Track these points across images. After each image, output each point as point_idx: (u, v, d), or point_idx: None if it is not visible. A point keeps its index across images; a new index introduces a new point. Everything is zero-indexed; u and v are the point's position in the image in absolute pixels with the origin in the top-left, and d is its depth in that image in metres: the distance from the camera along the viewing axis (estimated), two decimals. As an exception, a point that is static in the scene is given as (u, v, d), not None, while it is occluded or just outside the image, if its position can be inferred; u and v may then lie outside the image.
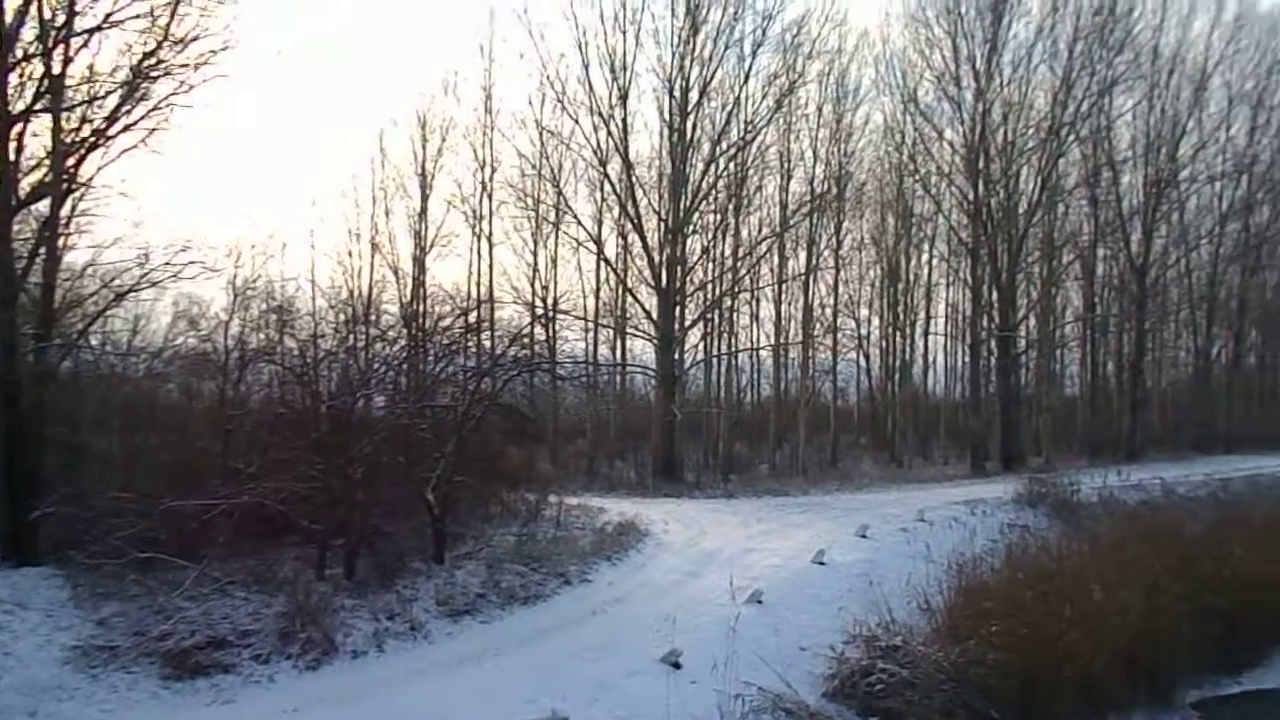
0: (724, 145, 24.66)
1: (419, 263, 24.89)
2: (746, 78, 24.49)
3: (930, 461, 30.80)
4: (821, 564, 12.68)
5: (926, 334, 34.64)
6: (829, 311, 30.91)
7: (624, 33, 23.14)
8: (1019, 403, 29.49)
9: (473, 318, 15.39)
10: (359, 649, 9.10)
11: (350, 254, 24.67)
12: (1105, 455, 28.95)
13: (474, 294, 24.93)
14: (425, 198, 25.28)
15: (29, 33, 10.99)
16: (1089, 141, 30.00)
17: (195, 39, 11.85)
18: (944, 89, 27.70)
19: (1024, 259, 29.33)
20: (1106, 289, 34.30)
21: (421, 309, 19.83)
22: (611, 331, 28.52)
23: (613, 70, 23.33)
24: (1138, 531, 14.23)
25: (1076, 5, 27.42)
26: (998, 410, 28.19)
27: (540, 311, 25.59)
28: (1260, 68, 32.88)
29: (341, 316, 15.23)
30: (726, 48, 23.81)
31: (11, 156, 10.92)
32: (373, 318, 16.70)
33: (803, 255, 29.22)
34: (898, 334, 33.48)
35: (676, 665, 8.97)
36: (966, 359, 31.75)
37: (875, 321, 33.77)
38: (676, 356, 24.84)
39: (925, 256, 33.86)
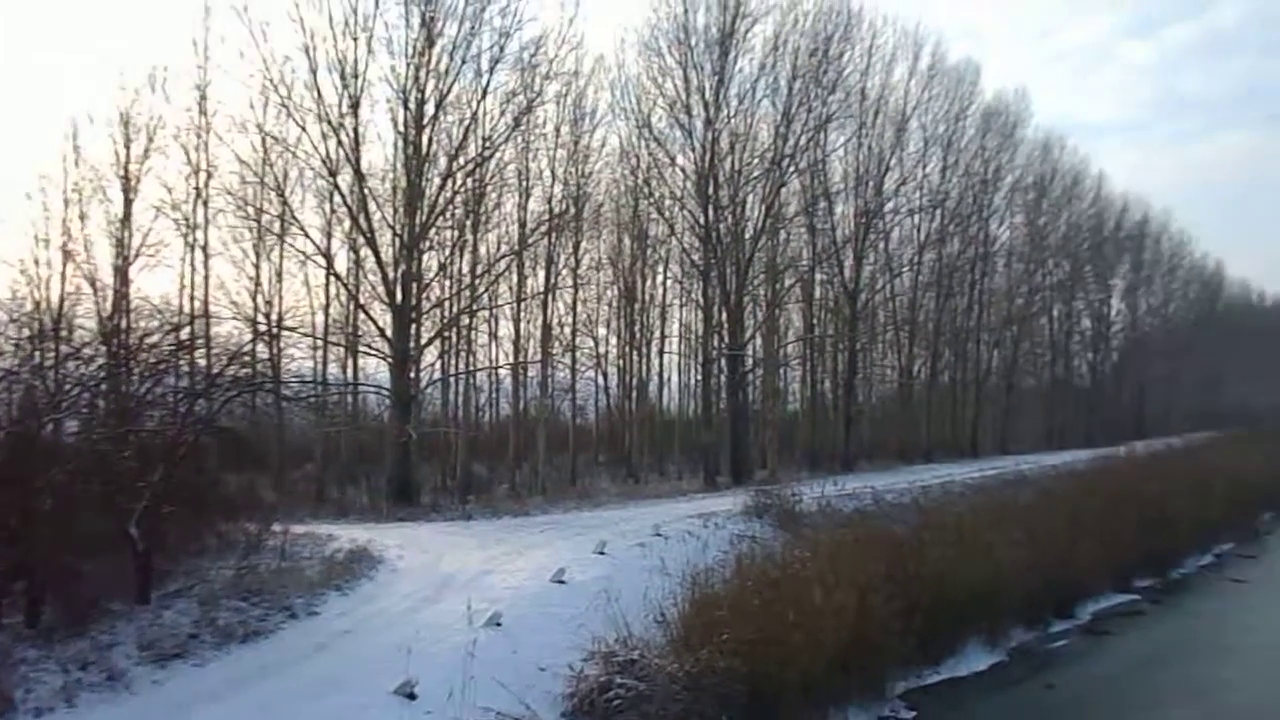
0: (461, 160, 24.42)
1: (121, 273, 22.66)
2: (484, 94, 24.40)
3: (666, 477, 31.93)
4: (561, 583, 12.77)
5: (662, 352, 36.08)
6: (568, 330, 31.40)
7: (355, 39, 22.37)
8: (747, 418, 31.28)
9: (185, 334, 14.18)
10: (44, 705, 8.12)
11: (37, 262, 22.11)
12: (824, 466, 31.31)
13: (187, 308, 23.14)
14: (129, 202, 23.10)
15: None
16: (807, 173, 32.52)
17: None
18: (676, 116, 29.03)
19: (751, 282, 31.20)
20: (824, 311, 37.19)
21: (124, 324, 18.06)
22: (342, 350, 27.42)
23: (343, 77, 22.48)
24: (852, 537, 15.42)
25: (795, 45, 29.62)
26: (728, 425, 29.71)
27: (263, 328, 24.15)
28: (950, 114, 37.11)
29: (25, 331, 13.59)
30: (463, 62, 23.61)
31: None
32: (64, 333, 15.02)
33: (541, 274, 29.53)
34: (634, 352, 34.55)
35: (411, 696, 8.71)
36: (699, 376, 33.36)
37: (613, 340, 34.73)
38: (412, 375, 24.25)
39: (660, 277, 35.29)
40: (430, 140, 23.56)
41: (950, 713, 13.00)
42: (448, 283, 26.82)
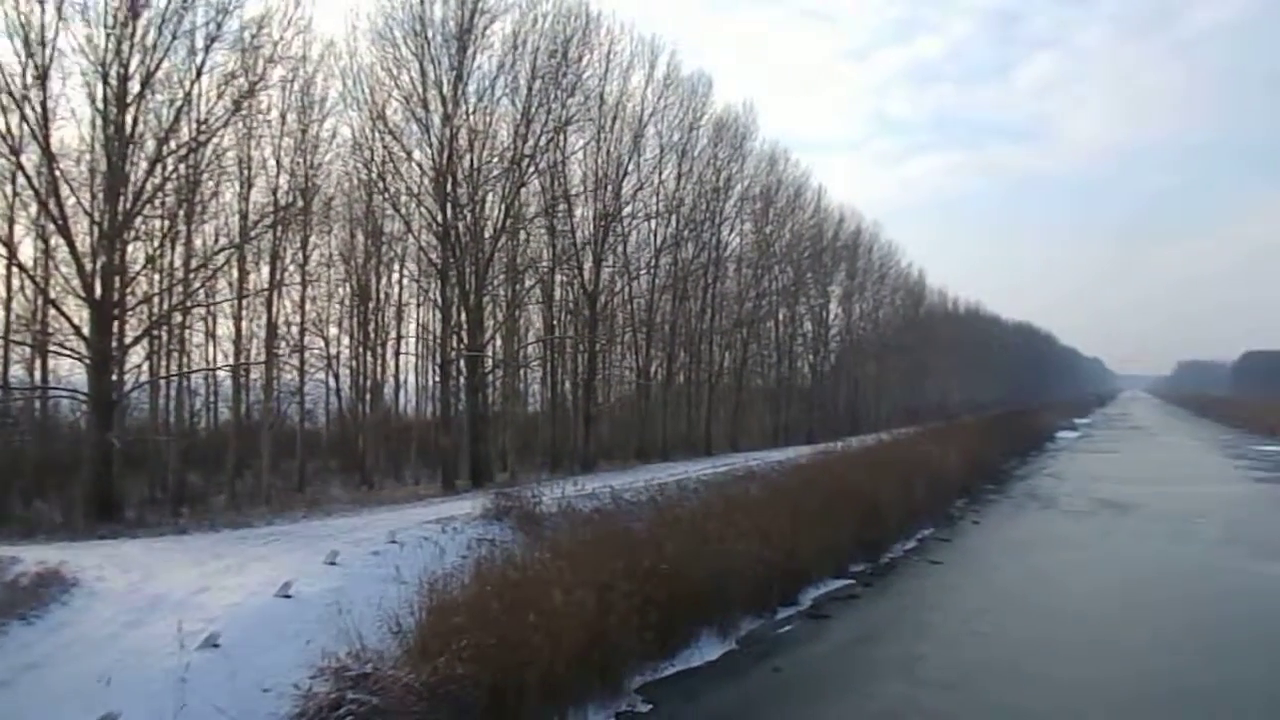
0: (173, 144, 22.47)
1: None
2: (199, 74, 22.62)
3: (403, 482, 31.08)
4: (288, 597, 12.10)
5: (398, 353, 35.06)
6: (295, 330, 29.81)
7: (41, 3, 20.09)
8: (487, 420, 31.09)
9: None
10: None
11: None
12: (564, 467, 31.66)
13: None
14: None
15: None
16: (547, 174, 32.77)
17: None
18: (412, 110, 28.30)
19: (491, 282, 31.02)
20: (564, 312, 37.62)
21: None
22: (29, 349, 24.55)
23: (27, 44, 20.09)
24: (592, 536, 15.71)
25: (534, 45, 29.73)
26: (467, 428, 29.38)
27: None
28: (684, 123, 38.63)
29: None
30: (175, 38, 21.74)
31: None
32: None
33: (265, 269, 27.84)
34: (369, 353, 33.40)
35: (112, 732, 7.95)
36: (437, 378, 32.72)
37: (345, 340, 33.35)
38: (115, 378, 22.11)
39: (396, 276, 34.32)
40: (136, 120, 21.53)
41: (684, 703, 13.52)
42: (158, 277, 24.65)
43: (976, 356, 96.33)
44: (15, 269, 23.20)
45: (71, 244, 21.07)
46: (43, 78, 20.26)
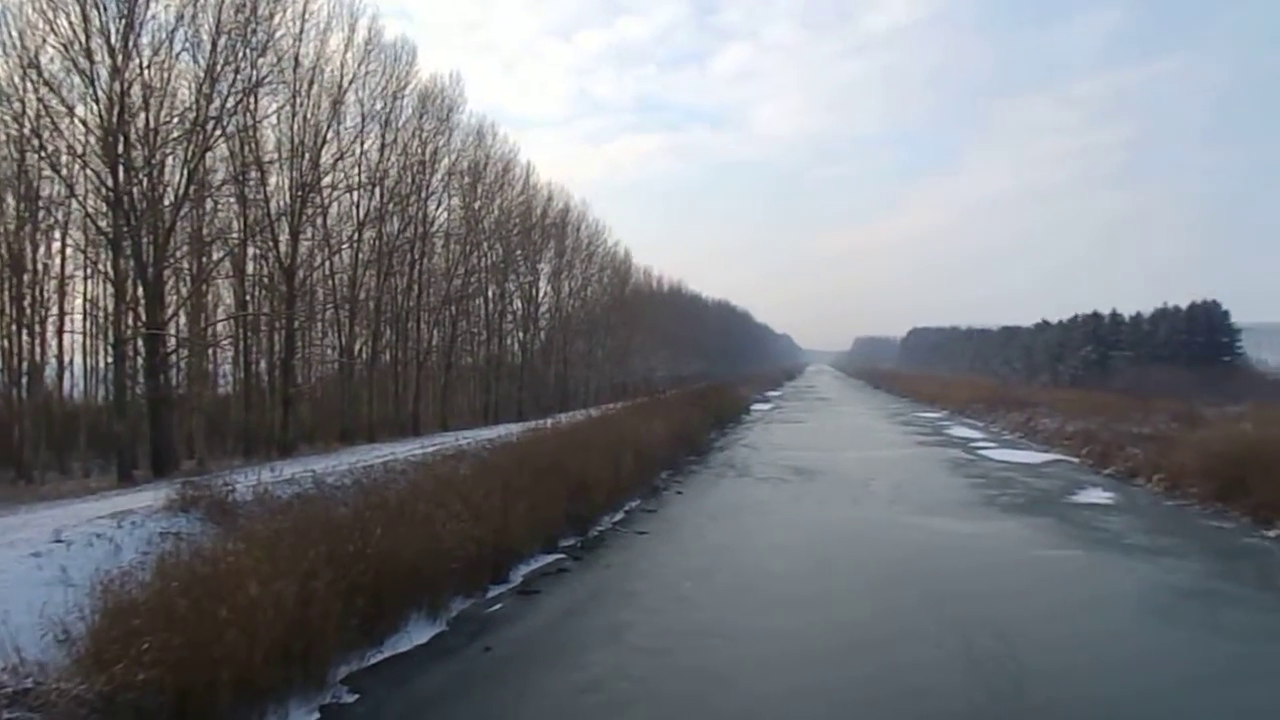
0: None
1: None
2: None
3: (71, 475, 28.19)
4: (-76, 612, 10.64)
5: (61, 332, 31.62)
6: (-69, 306, 26.11)
7: None
8: (170, 404, 28.76)
9: None
10: None
11: None
12: (260, 452, 29.99)
13: None
14: None
15: None
16: (236, 139, 30.68)
17: None
18: (73, 59, 25.45)
19: (173, 254, 28.68)
20: (258, 288, 35.52)
21: None
22: None
23: None
24: (292, 524, 15.02)
25: (219, -1, 27.67)
26: (147, 414, 27.06)
27: None
28: (387, 91, 37.50)
29: None
30: None
31: None
32: None
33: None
34: (24, 332, 29.87)
35: None
36: (110, 359, 29.82)
37: (-5, 318, 29.60)
38: None
39: (57, 245, 30.88)
40: None
41: (393, 689, 13.30)
42: None
43: (680, 333, 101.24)
44: None
45: None
46: None
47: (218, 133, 28.83)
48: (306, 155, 33.46)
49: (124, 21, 25.52)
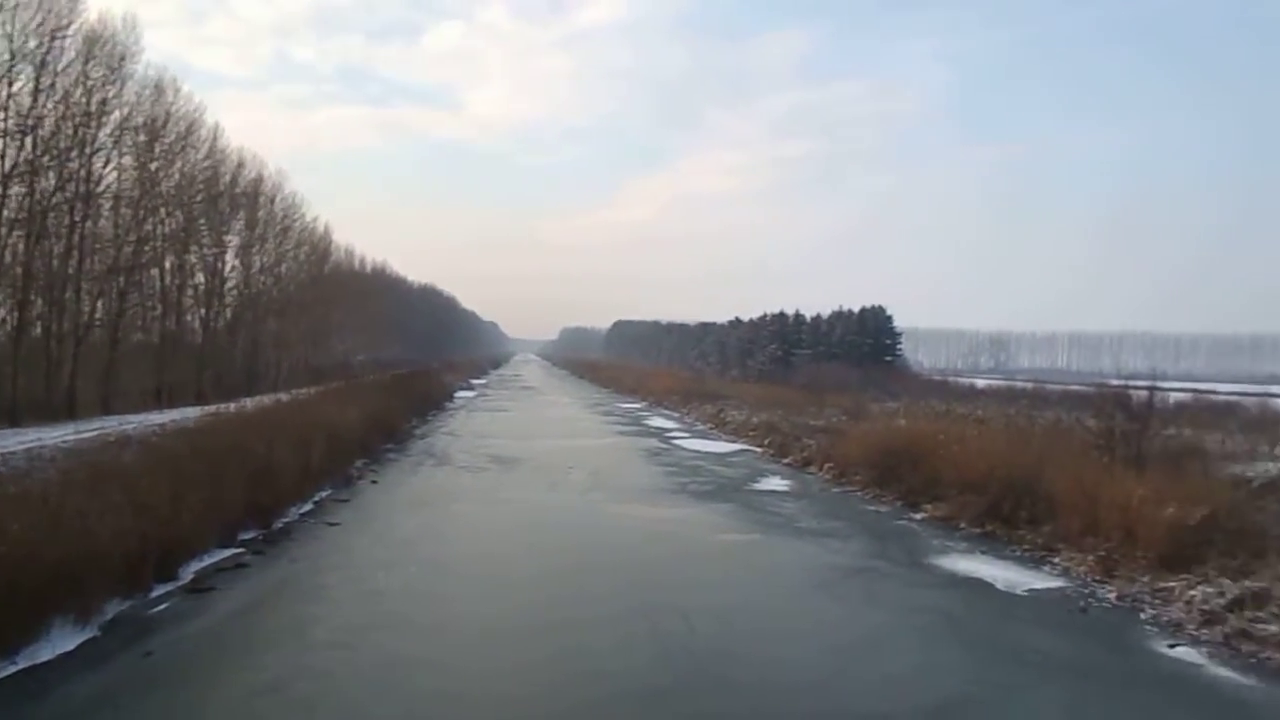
0: None
1: None
2: None
3: None
4: None
5: None
6: None
7: None
8: None
9: None
10: None
11: None
12: None
13: None
14: None
15: None
16: None
17: None
18: None
19: None
20: None
21: None
22: None
23: None
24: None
25: None
26: None
27: None
28: (45, 28, 33.36)
29: None
30: None
31: None
32: None
33: None
34: None
35: None
36: None
37: None
38: None
39: None
40: None
41: (25, 704, 11.86)
42: None
43: (382, 316, 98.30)
44: None
45: None
46: None
47: None
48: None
49: None
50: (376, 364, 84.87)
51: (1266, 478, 26.16)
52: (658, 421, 64.16)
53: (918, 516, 27.76)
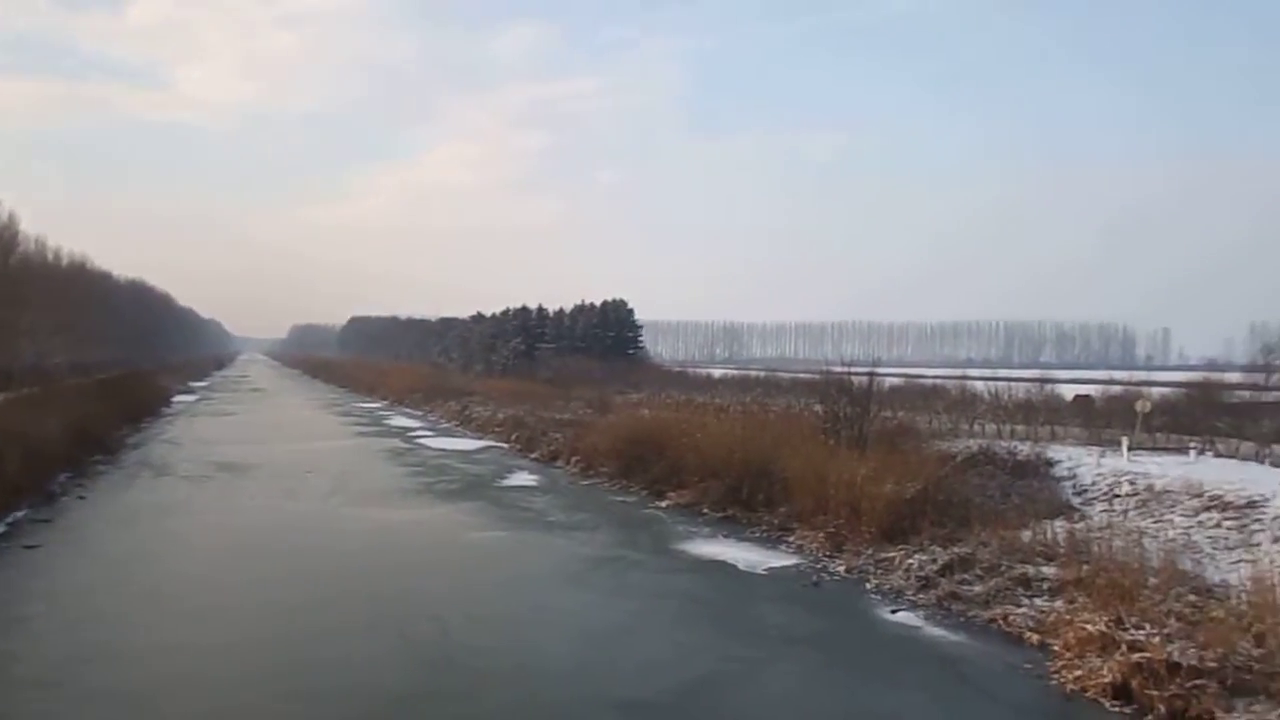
0: None
1: None
2: None
3: None
4: None
5: None
6: None
7: None
8: None
9: None
10: None
11: None
12: None
13: None
14: None
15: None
16: None
17: None
18: None
19: None
20: None
21: None
22: None
23: None
24: None
25: None
26: None
27: None
28: None
29: None
30: None
31: None
32: None
33: None
34: None
35: None
36: None
37: None
38: None
39: None
40: None
41: None
42: None
43: (83, 314, 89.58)
44: None
45: None
46: None
47: None
48: None
49: None
50: (80, 367, 77.32)
51: (968, 453, 29.04)
52: (400, 421, 62.65)
53: (663, 504, 28.71)
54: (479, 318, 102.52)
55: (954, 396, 47.01)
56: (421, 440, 49.54)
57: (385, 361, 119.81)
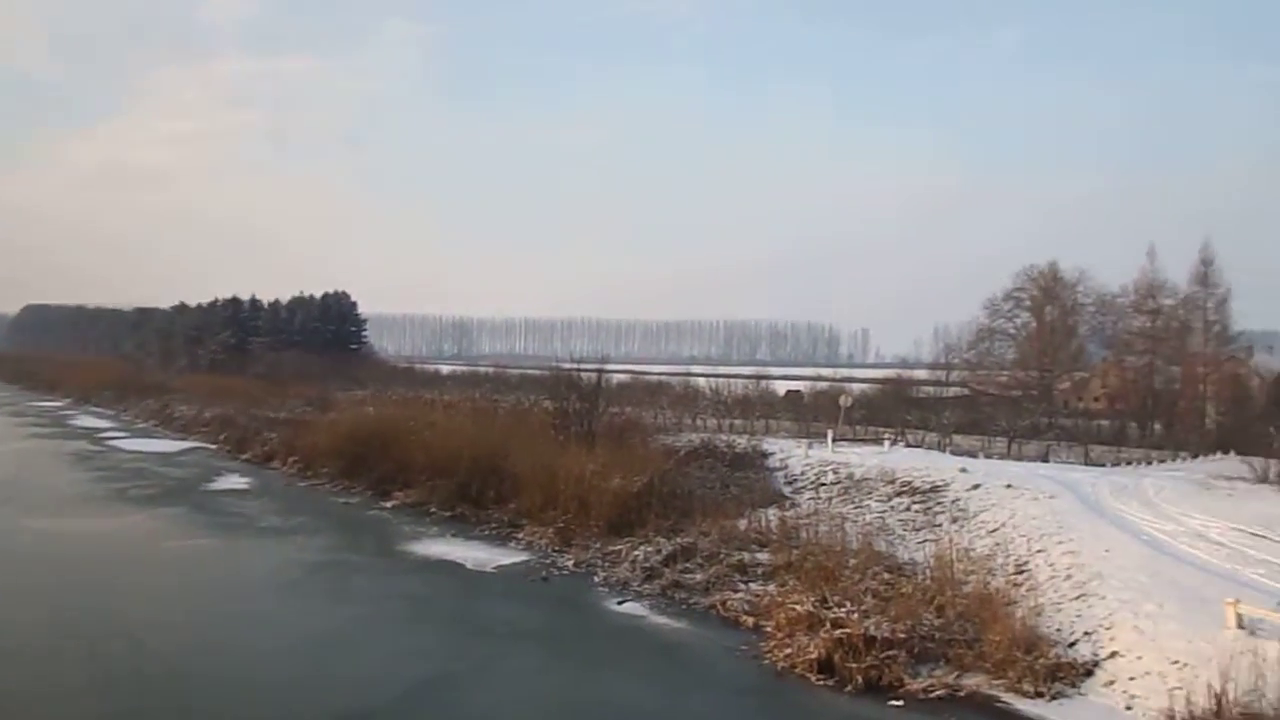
0: None
1: None
2: None
3: None
4: None
5: None
6: None
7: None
8: None
9: None
10: None
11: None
12: None
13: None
14: None
15: None
16: None
17: None
18: None
19: None
20: None
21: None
22: None
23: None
24: None
25: None
26: None
27: None
28: None
29: None
30: None
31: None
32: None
33: None
34: None
35: None
36: None
37: None
38: None
39: None
40: None
41: None
42: None
43: None
44: None
45: None
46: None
47: None
48: None
49: None
50: None
51: (691, 446, 30.53)
52: (87, 421, 57.37)
53: (389, 505, 28.10)
54: (182, 308, 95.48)
55: (678, 392, 49.15)
56: (114, 442, 45.61)
57: (69, 355, 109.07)
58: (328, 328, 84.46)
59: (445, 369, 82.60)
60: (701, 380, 51.77)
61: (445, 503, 26.77)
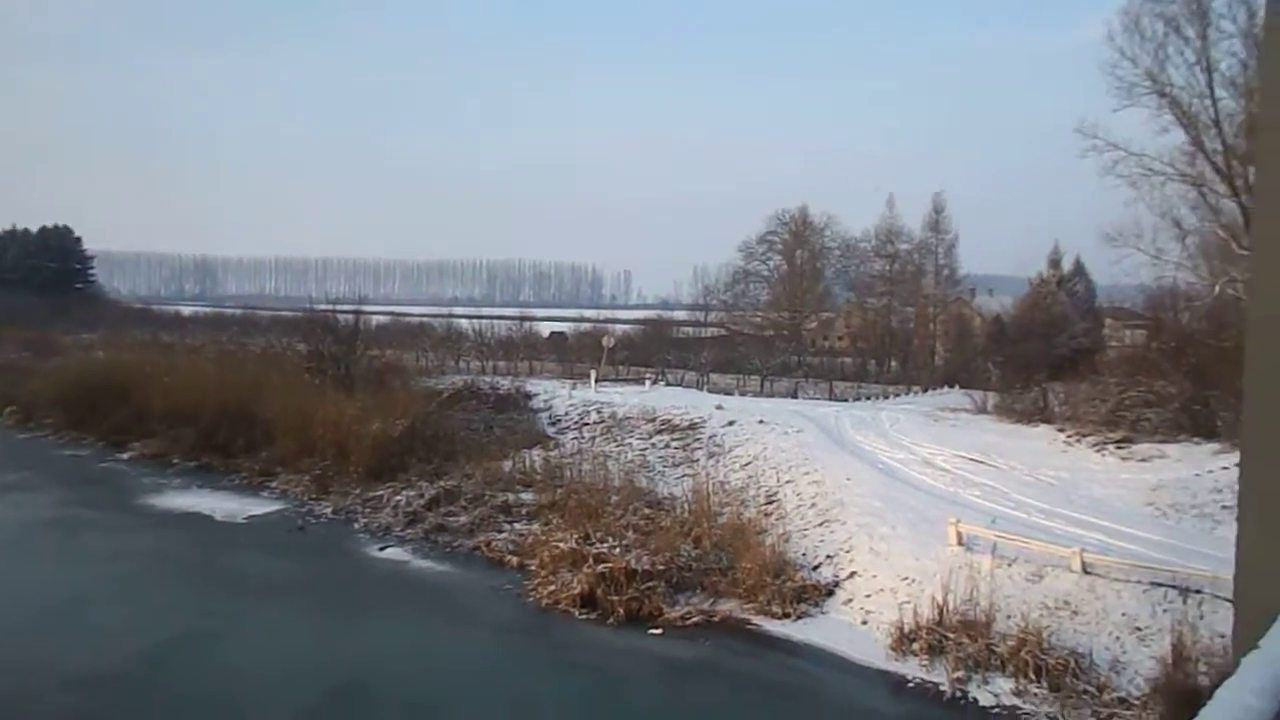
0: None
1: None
2: None
3: None
4: None
5: None
6: None
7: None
8: None
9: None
10: None
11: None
12: None
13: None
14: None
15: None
16: None
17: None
18: None
19: None
20: None
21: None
22: None
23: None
24: None
25: None
26: None
27: None
28: None
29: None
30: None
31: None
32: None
33: None
34: None
35: None
36: None
37: None
38: None
39: None
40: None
41: None
42: None
43: None
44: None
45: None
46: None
47: None
48: None
49: None
50: None
51: (454, 389, 30.21)
52: None
53: (125, 456, 26.26)
54: None
55: (440, 334, 48.42)
56: None
57: None
58: (47, 264, 77.05)
59: (187, 310, 77.56)
60: (465, 322, 51.19)
61: (189, 452, 25.30)
